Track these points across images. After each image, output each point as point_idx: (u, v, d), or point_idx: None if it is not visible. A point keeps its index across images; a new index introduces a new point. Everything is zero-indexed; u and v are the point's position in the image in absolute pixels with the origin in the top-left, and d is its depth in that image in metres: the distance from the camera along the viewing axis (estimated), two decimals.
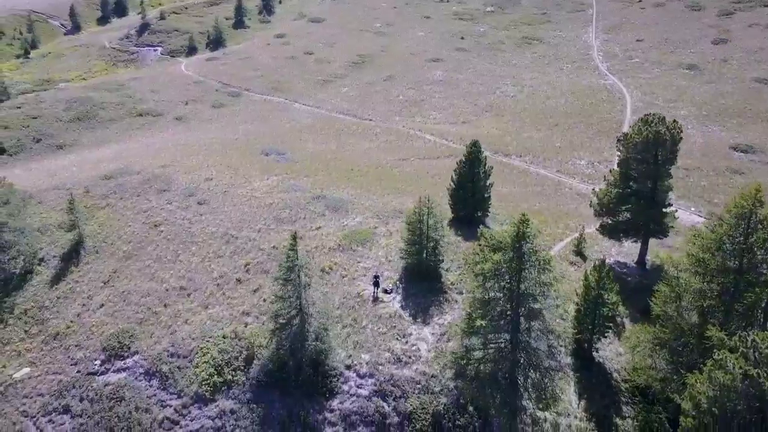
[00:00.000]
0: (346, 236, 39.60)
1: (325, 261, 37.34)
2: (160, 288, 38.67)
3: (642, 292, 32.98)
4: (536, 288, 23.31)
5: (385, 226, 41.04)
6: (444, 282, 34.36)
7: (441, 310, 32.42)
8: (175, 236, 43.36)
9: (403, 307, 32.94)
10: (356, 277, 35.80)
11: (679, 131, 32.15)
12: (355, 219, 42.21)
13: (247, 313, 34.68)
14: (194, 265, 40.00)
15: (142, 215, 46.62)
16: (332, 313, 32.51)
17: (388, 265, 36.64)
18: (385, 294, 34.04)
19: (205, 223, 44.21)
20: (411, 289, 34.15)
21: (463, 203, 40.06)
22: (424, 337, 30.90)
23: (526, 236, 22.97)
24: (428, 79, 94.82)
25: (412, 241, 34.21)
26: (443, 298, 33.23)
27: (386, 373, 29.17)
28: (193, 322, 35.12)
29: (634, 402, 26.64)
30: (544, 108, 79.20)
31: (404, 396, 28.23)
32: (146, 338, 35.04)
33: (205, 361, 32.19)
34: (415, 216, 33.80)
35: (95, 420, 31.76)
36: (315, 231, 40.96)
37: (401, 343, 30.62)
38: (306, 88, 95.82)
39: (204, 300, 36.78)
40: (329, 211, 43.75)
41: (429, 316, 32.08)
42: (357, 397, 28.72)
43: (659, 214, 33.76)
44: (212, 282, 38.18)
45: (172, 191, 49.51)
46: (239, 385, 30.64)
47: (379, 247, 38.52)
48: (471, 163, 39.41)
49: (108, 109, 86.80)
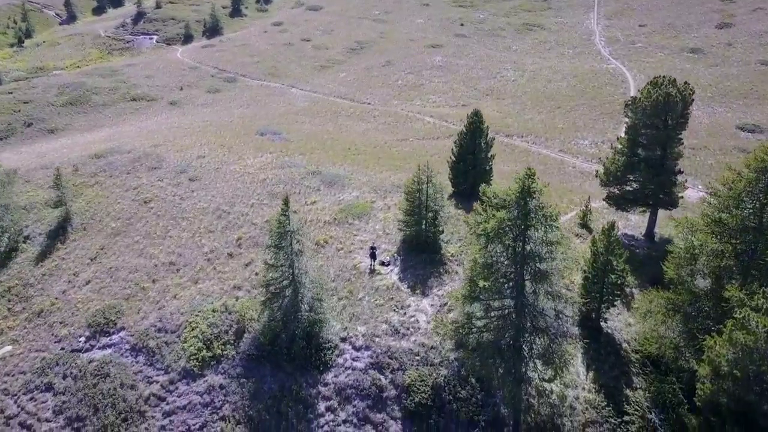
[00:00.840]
0: (342, 210, 38.10)
1: (320, 235, 35.85)
2: (148, 264, 37.17)
3: (651, 264, 31.56)
4: (543, 247, 21.80)
5: (382, 200, 39.54)
6: (444, 254, 32.88)
7: (441, 282, 30.94)
8: (165, 212, 41.84)
9: (401, 279, 31.47)
10: (352, 251, 34.32)
11: (690, 93, 30.63)
12: (351, 194, 40.71)
13: (239, 287, 33.20)
14: (184, 241, 38.50)
15: (132, 192, 45.10)
16: (327, 285, 31.05)
17: (386, 238, 35.15)
18: (383, 266, 32.56)
19: (196, 199, 42.69)
20: (409, 261, 32.68)
21: (464, 176, 38.54)
22: (423, 308, 29.42)
23: (532, 191, 21.45)
24: (427, 64, 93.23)
25: (410, 212, 32.70)
26: (443, 269, 31.75)
27: (383, 345, 27.71)
28: (182, 297, 33.64)
29: (646, 373, 25.17)
30: (546, 91, 77.65)
31: (402, 368, 26.77)
32: (133, 314, 33.55)
33: (193, 335, 30.71)
34: (414, 185, 32.29)
35: (78, 397, 30.25)
36: (310, 206, 39.45)
37: (399, 314, 29.15)
38: (303, 73, 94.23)
39: (194, 275, 35.30)
40: (325, 186, 42.25)
41: (428, 288, 30.60)
42: (352, 370, 27.26)
43: (668, 182, 32.24)
44: (203, 257, 36.69)
45: (163, 169, 47.98)
46: (229, 360, 29.17)
47: (377, 220, 37.02)
48: (472, 133, 37.89)
49: (101, 93, 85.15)
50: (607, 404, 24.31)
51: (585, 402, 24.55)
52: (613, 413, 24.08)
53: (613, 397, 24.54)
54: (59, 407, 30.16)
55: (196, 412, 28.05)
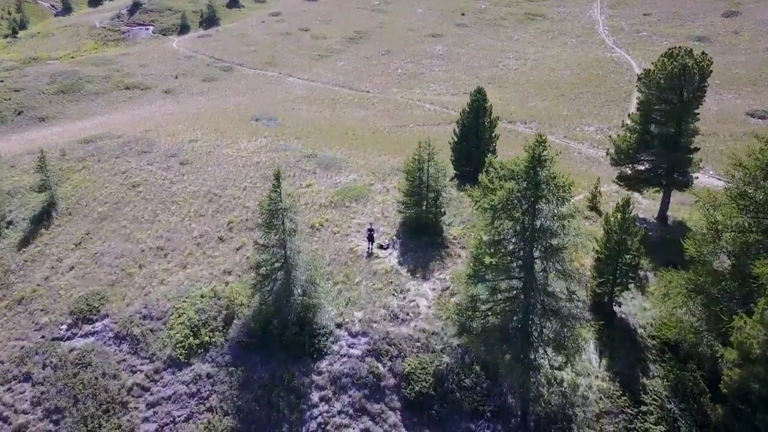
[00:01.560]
0: (338, 193, 36.31)
1: (315, 218, 34.06)
2: (135, 249, 35.38)
3: (665, 247, 29.82)
4: (554, 222, 20.04)
5: (381, 182, 37.75)
6: (446, 236, 31.09)
7: (442, 265, 29.16)
8: (154, 196, 40.05)
9: (401, 262, 29.68)
10: (349, 234, 32.53)
11: (708, 64, 28.80)
12: (348, 176, 38.91)
13: (229, 271, 31.41)
14: (173, 225, 36.72)
15: (120, 176, 43.30)
16: (322, 269, 29.24)
17: (385, 220, 33.36)
18: (381, 249, 30.77)
19: (187, 183, 40.88)
20: (409, 243, 30.89)
21: (467, 157, 36.74)
22: (424, 293, 27.64)
23: (543, 160, 19.67)
24: (428, 53, 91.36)
25: (411, 192, 30.91)
26: (445, 252, 29.97)
27: (381, 331, 25.93)
28: (170, 283, 31.87)
29: (663, 360, 23.40)
30: (549, 79, 75.80)
31: (401, 355, 24.99)
32: (118, 300, 31.77)
33: (180, 322, 28.94)
34: (414, 164, 30.49)
35: (58, 387, 28.47)
36: (305, 188, 37.65)
37: (398, 299, 27.37)
38: (301, 62, 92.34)
39: (182, 260, 33.52)
40: (321, 169, 40.44)
41: (429, 272, 28.81)
42: (348, 358, 25.48)
43: (683, 160, 30.43)
44: (192, 241, 34.91)
45: (153, 153, 46.16)
46: (217, 347, 27.41)
47: (375, 203, 35.23)
48: (475, 112, 36.09)
49: (94, 82, 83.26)
50: (622, 393, 22.55)
51: (599, 391, 22.78)
52: (629, 403, 22.32)
53: (628, 386, 22.77)
54: (37, 398, 28.36)
55: (181, 402, 26.28)
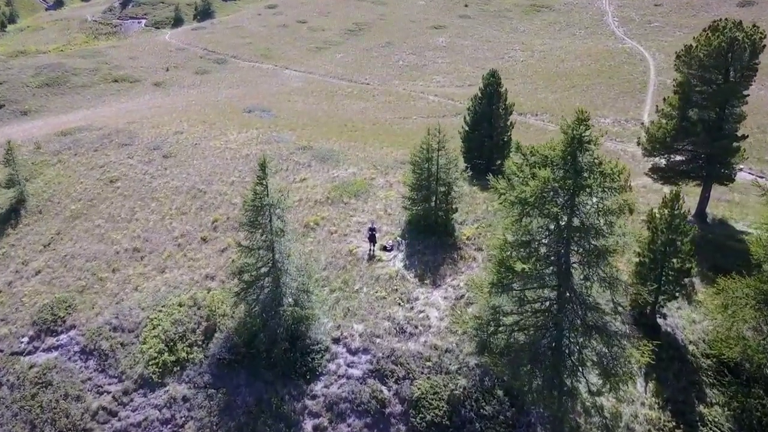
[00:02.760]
0: (336, 188, 32.55)
1: (309, 216, 30.33)
2: (109, 250, 31.63)
3: (708, 249, 26.10)
4: (598, 218, 16.36)
5: (383, 176, 34.00)
6: (458, 237, 27.36)
7: (455, 270, 25.41)
8: (132, 192, 36.28)
9: (407, 266, 25.93)
10: (348, 234, 28.79)
11: (761, 37, 25.09)
12: (347, 170, 35.15)
13: (211, 276, 27.68)
14: (152, 224, 32.97)
15: (97, 171, 39.53)
16: (317, 274, 25.53)
17: (388, 219, 29.63)
18: (384, 251, 27.03)
19: (169, 177, 37.12)
20: (416, 245, 27.15)
21: (479, 148, 32.98)
22: (435, 302, 23.88)
23: (585, 142, 15.99)
24: (430, 45, 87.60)
25: (418, 186, 27.16)
26: (457, 255, 26.22)
27: (385, 348, 22.18)
28: (145, 289, 28.13)
29: (723, 383, 19.68)
30: (558, 71, 72.06)
31: (409, 377, 21.24)
32: (86, 309, 28.02)
33: (154, 335, 25.20)
34: (422, 153, 26.75)
35: (13, 411, 24.75)
36: (299, 183, 33.91)
37: (405, 309, 23.62)
38: (298, 55, 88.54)
39: (160, 263, 29.78)
40: (316, 161, 36.69)
41: (440, 277, 25.07)
42: (347, 379, 21.74)
43: (728, 149, 26.70)
44: (172, 242, 31.17)
45: (134, 145, 42.39)
46: (195, 365, 23.67)
47: (377, 199, 31.49)
48: (488, 97, 32.33)
49: (81, 74, 79.43)
50: (675, 425, 18.82)
51: (647, 422, 19.05)
52: None
53: (682, 416, 19.04)
54: None
55: (153, 430, 22.54)
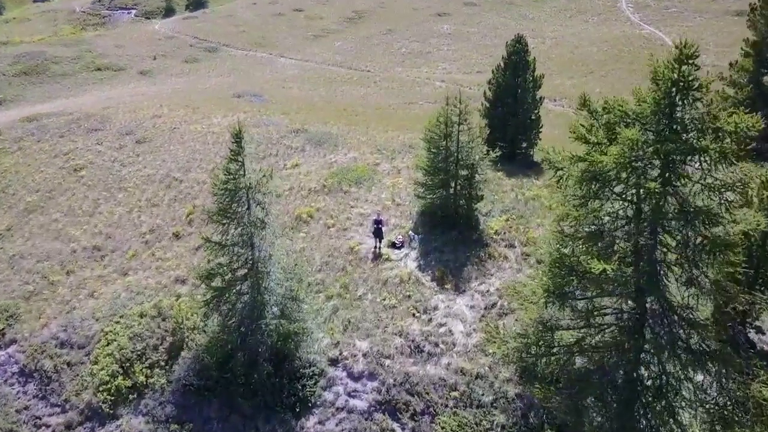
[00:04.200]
0: (333, 175, 27.62)
1: (302, 207, 25.38)
2: (65, 249, 26.66)
3: None
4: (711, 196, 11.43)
5: (389, 162, 29.08)
6: (483, 231, 22.40)
7: (482, 271, 20.46)
8: (98, 182, 31.32)
9: (422, 267, 20.98)
10: (348, 228, 23.83)
11: None
12: (347, 155, 30.23)
13: (182, 279, 22.74)
14: (117, 218, 28.01)
15: (61, 158, 34.53)
16: (310, 277, 20.60)
17: (397, 210, 24.67)
18: (393, 249, 22.07)
19: (141, 165, 32.15)
20: (432, 241, 22.19)
21: (502, 128, 28.03)
22: (459, 312, 18.92)
23: (689, 87, 11.09)
24: (434, 32, 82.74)
25: (434, 169, 22.21)
26: (485, 253, 21.26)
27: (397, 372, 17.22)
28: (102, 295, 23.18)
29: None
30: (573, 57, 67.18)
31: (429, 411, 16.30)
32: (31, 320, 23.00)
33: (108, 353, 20.21)
34: (438, 128, 21.82)
35: None
36: (290, 169, 28.99)
37: (421, 322, 18.66)
38: (294, 43, 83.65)
39: (123, 264, 24.85)
40: (311, 146, 31.76)
41: (463, 281, 20.12)
42: (348, 413, 16.79)
43: None
44: (139, 239, 26.23)
45: (106, 130, 37.42)
46: (156, 392, 18.71)
47: (382, 187, 26.55)
48: (513, 68, 27.43)
49: (62, 63, 74.40)
50: None
51: None
52: None
53: None
54: None
55: None
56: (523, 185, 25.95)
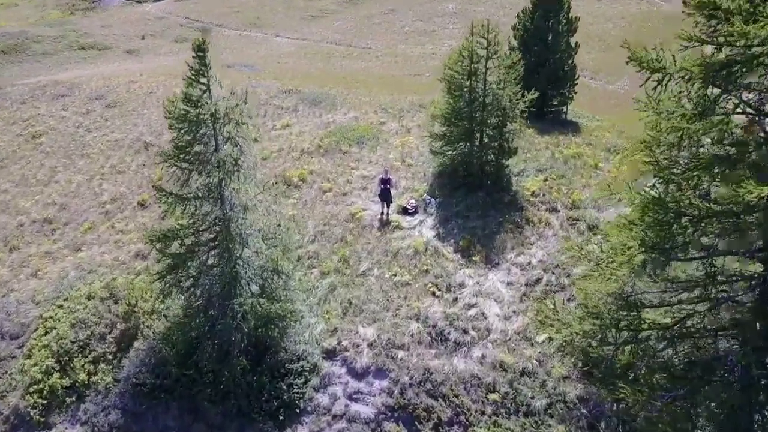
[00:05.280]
0: (331, 134, 23.29)
1: (292, 169, 21.04)
2: (11, 223, 22.41)
3: None
4: None
5: (397, 121, 24.77)
6: (517, 192, 18.06)
7: (520, 240, 16.11)
8: (58, 149, 27.02)
9: (442, 235, 16.63)
10: (348, 192, 19.48)
11: None
12: (346, 114, 25.93)
13: (143, 254, 18.39)
14: (75, 187, 23.73)
15: (20, 125, 30.22)
16: (299, 247, 16.31)
17: (408, 171, 20.34)
18: (405, 215, 17.74)
19: (108, 130, 27.82)
20: (454, 205, 17.84)
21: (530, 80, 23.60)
22: (492, 289, 14.58)
23: None
24: (438, 11, 78.24)
25: (455, 116, 17.86)
26: (521, 218, 16.92)
27: (415, 367, 12.90)
28: (47, 275, 18.92)
29: None
30: (589, 32, 62.57)
31: (460, 420, 11.99)
32: None
33: (44, 344, 15.90)
34: (462, 63, 17.50)
35: None
36: (280, 130, 24.69)
37: (444, 302, 14.31)
38: (291, 23, 79.21)
39: (76, 238, 20.58)
40: (305, 105, 27.48)
41: (497, 251, 15.78)
42: (349, 423, 12.48)
43: None
44: (98, 209, 21.95)
45: (73, 96, 33.10)
46: (100, 395, 14.43)
47: (389, 147, 22.21)
48: (544, 8, 23.05)
49: (44, 42, 70.02)
50: None
51: None
52: None
53: None
54: None
55: None
56: (560, 143, 21.65)
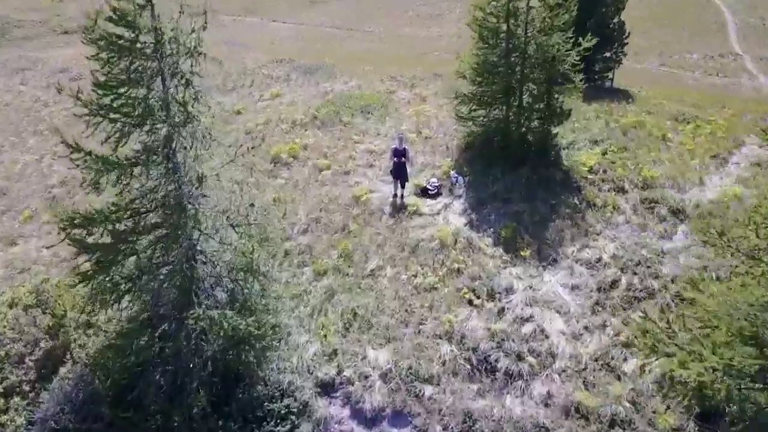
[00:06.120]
0: (329, 103, 19.22)
1: (281, 144, 16.96)
2: None
3: None
4: None
5: (409, 89, 20.77)
6: (570, 168, 14.00)
7: (583, 229, 12.06)
8: (8, 126, 22.99)
9: (476, 223, 12.56)
10: (351, 170, 15.40)
11: None
12: (348, 83, 21.92)
13: None
14: (20, 168, 19.73)
15: None
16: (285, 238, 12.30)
17: (426, 144, 16.27)
18: (426, 198, 13.67)
19: (70, 104, 23.75)
20: (489, 184, 13.75)
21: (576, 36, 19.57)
22: (552, 296, 10.52)
23: None
24: None
25: (488, 69, 13.78)
26: (579, 200, 12.87)
27: (449, 411, 8.84)
28: None
29: None
30: None
31: None
32: None
33: None
34: (495, 4, 13.41)
35: None
36: (267, 101, 20.61)
37: (485, 315, 10.26)
38: (288, 9, 75.24)
39: (12, 229, 16.54)
40: (299, 74, 23.53)
41: (552, 244, 11.72)
42: None
43: None
44: (43, 194, 17.94)
45: (36, 70, 29.14)
46: None
47: (401, 117, 18.14)
48: None
49: (25, 27, 65.86)
50: None
51: None
52: None
53: None
54: None
55: None
56: (613, 110, 17.62)
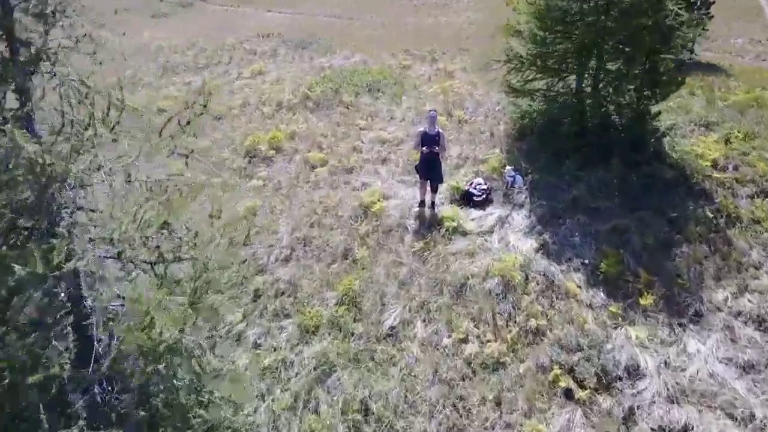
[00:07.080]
0: (326, 80, 14.69)
1: (260, 133, 12.38)
2: None
3: None
4: None
5: (428, 64, 16.30)
6: (682, 161, 9.45)
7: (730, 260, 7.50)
8: None
9: (551, 248, 8.00)
10: (356, 167, 10.80)
11: None
12: (350, 58, 17.56)
13: None
14: None
15: None
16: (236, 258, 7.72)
17: (459, 130, 11.68)
18: (469, 206, 9.11)
19: None
20: (563, 187, 9.20)
21: None
22: (712, 382, 6.00)
23: None
24: None
25: (555, 22, 9.25)
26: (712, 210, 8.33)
27: None
28: None
29: None
30: None
31: None
32: None
33: None
34: None
35: None
36: (247, 79, 16.07)
37: (596, 418, 5.74)
38: None
39: None
40: (289, 48, 19.33)
41: (688, 285, 7.17)
42: None
43: None
44: None
45: None
46: None
47: (422, 96, 13.60)
48: None
49: None
50: None
51: None
52: None
53: None
54: None
55: None
56: (712, 84, 13.18)
